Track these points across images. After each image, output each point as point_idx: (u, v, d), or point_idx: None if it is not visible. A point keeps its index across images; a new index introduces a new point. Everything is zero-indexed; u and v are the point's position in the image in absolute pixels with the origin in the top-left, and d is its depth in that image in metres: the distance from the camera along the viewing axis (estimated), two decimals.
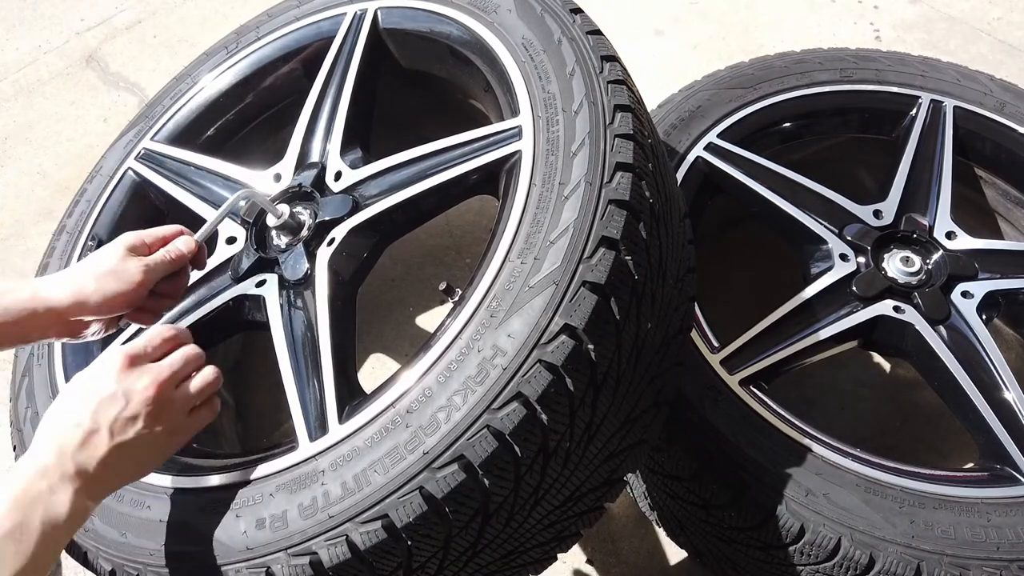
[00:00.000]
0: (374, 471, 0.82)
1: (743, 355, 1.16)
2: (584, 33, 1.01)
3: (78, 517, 0.75)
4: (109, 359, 0.81)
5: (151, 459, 0.83)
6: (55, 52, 2.39)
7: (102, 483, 0.78)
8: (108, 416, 0.78)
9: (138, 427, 0.79)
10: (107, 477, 0.78)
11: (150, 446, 0.80)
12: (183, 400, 0.83)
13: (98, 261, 0.92)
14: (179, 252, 0.96)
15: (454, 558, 0.86)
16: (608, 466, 0.93)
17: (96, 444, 0.76)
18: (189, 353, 0.85)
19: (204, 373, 0.86)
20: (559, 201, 0.88)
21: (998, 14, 2.11)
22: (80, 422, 0.77)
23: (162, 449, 0.82)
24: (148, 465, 0.83)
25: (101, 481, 0.77)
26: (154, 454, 0.82)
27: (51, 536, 0.71)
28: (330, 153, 1.17)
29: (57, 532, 0.72)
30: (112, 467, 0.77)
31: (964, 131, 1.38)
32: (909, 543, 0.95)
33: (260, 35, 1.38)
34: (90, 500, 0.76)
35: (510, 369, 0.80)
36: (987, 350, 1.15)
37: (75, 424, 0.77)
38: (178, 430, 0.83)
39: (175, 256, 0.96)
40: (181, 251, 0.97)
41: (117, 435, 0.77)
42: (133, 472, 0.82)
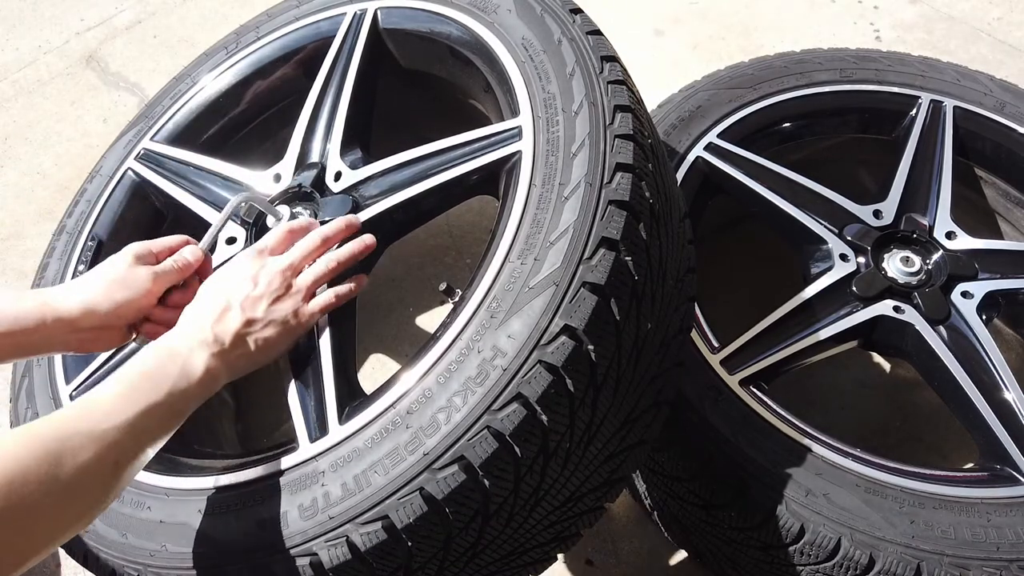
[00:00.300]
0: (374, 472, 0.82)
1: (743, 355, 1.16)
2: (584, 33, 1.01)
3: (209, 379, 0.84)
4: (241, 255, 0.95)
5: (277, 338, 0.91)
6: (55, 52, 2.39)
7: (234, 355, 0.88)
8: (239, 296, 0.89)
9: (264, 305, 0.90)
10: (239, 350, 0.88)
11: (275, 324, 0.90)
12: (303, 285, 0.93)
13: (106, 270, 0.94)
14: (186, 261, 0.99)
15: (454, 559, 0.86)
16: (608, 466, 0.93)
17: (230, 318, 0.88)
18: (308, 246, 0.96)
19: (317, 266, 0.96)
20: (559, 202, 0.88)
21: (998, 14, 2.11)
22: (216, 301, 0.89)
23: (286, 329, 0.91)
24: (274, 345, 0.91)
25: (233, 352, 0.87)
26: (280, 333, 0.91)
27: (182, 387, 0.81)
28: (330, 153, 1.17)
29: (189, 386, 0.82)
30: (244, 341, 0.88)
31: (964, 131, 1.38)
32: (909, 543, 0.95)
33: (260, 35, 1.38)
34: (222, 366, 0.86)
35: (510, 370, 0.80)
36: (987, 350, 1.15)
37: (212, 303, 0.89)
38: (300, 312, 0.93)
39: (182, 265, 0.98)
40: (188, 260, 0.99)
41: (247, 311, 0.89)
42: (262, 348, 0.90)
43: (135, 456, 0.75)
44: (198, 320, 0.87)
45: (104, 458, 0.70)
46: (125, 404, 0.74)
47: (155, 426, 0.77)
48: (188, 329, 0.87)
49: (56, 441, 0.67)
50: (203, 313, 0.88)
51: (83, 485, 0.68)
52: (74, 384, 1.11)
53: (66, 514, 0.67)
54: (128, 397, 0.75)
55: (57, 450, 0.66)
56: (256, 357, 0.90)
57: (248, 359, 0.89)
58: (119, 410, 0.73)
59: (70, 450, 0.67)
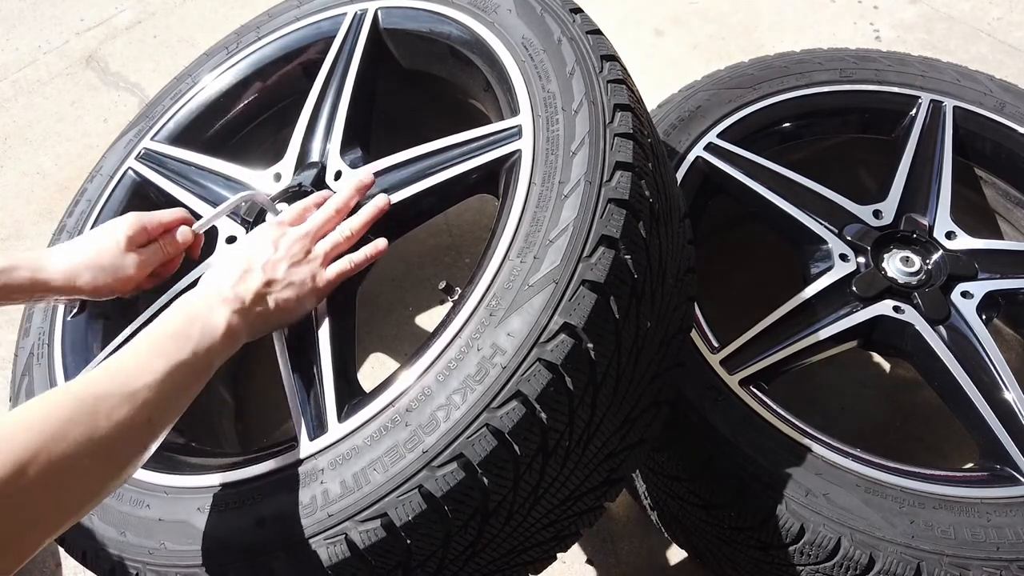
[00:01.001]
0: (373, 470, 0.82)
1: (743, 355, 1.16)
2: (584, 33, 1.01)
3: (231, 335, 0.86)
4: (261, 227, 1.00)
5: (296, 301, 0.94)
6: (55, 52, 2.39)
7: (254, 313, 0.90)
8: (261, 258, 0.93)
9: (284, 267, 0.93)
10: (259, 308, 0.90)
11: (295, 286, 0.94)
12: (320, 252, 0.97)
13: (99, 250, 1.00)
14: (176, 246, 1.05)
15: (453, 557, 0.86)
16: (608, 465, 0.93)
17: (251, 279, 0.91)
18: (323, 216, 1.00)
19: (333, 234, 0.99)
20: (559, 200, 0.88)
21: (998, 14, 2.11)
22: (238, 263, 0.92)
23: (304, 292, 0.95)
24: (293, 307, 0.94)
25: (253, 310, 0.90)
26: (299, 296, 0.94)
27: (206, 344, 0.82)
28: (330, 153, 1.17)
29: (213, 343, 0.83)
30: (264, 300, 0.91)
31: (964, 131, 1.38)
32: (909, 543, 0.95)
33: (260, 35, 1.39)
34: (243, 324, 0.88)
35: (509, 368, 0.80)
36: (987, 350, 1.15)
37: (232, 266, 0.92)
38: (318, 278, 0.96)
39: (172, 251, 1.05)
40: (178, 244, 1.05)
41: (267, 273, 0.92)
42: (282, 308, 0.93)
43: (167, 413, 0.77)
44: (220, 280, 0.90)
45: (137, 416, 0.71)
46: (152, 364, 0.76)
47: (183, 383, 0.79)
48: (210, 289, 0.89)
49: (90, 400, 0.68)
50: (225, 274, 0.91)
51: (119, 443, 0.70)
52: None
53: (105, 471, 0.69)
54: (155, 357, 0.77)
55: (92, 409, 0.68)
56: (275, 317, 0.93)
57: (268, 318, 0.92)
58: (148, 370, 0.75)
59: (104, 410, 0.69)
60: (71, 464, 0.64)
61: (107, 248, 1.00)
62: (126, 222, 1.02)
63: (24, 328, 1.21)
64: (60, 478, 0.63)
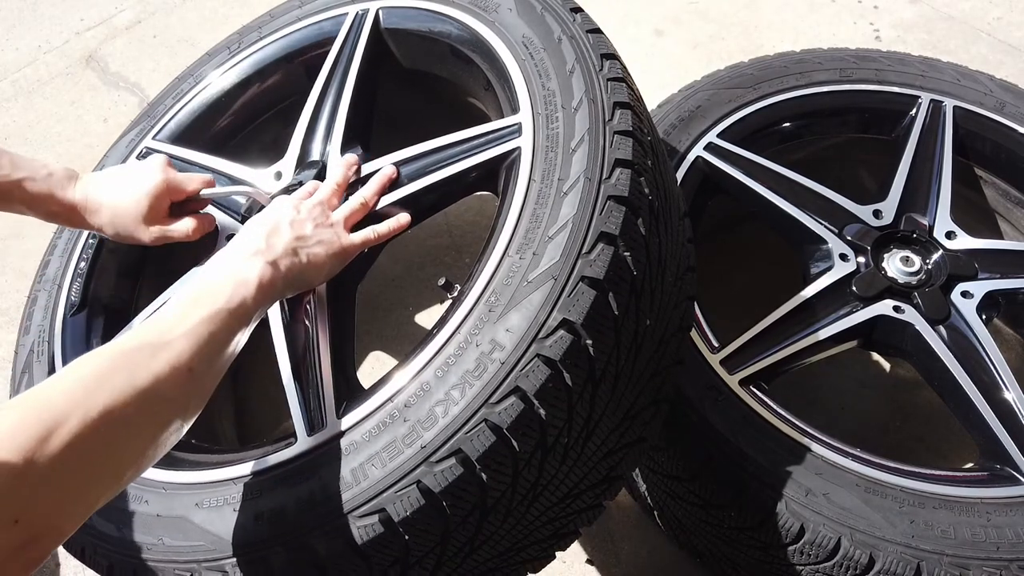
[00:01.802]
0: (372, 465, 0.81)
1: (743, 355, 1.16)
2: (584, 31, 1.02)
3: (267, 286, 0.86)
4: (278, 199, 1.01)
5: (327, 259, 0.96)
6: (55, 52, 2.39)
7: (287, 264, 0.90)
8: (288, 218, 0.95)
9: (311, 226, 0.95)
10: (292, 259, 0.91)
11: (323, 244, 0.95)
12: (340, 218, 1.00)
13: (124, 208, 1.07)
14: (190, 230, 1.10)
15: (452, 553, 0.86)
16: (607, 463, 0.93)
17: (280, 234, 0.92)
18: (328, 190, 1.03)
19: (349, 202, 1.03)
20: (558, 197, 0.88)
21: (998, 14, 2.11)
22: (266, 222, 0.93)
23: (333, 251, 0.96)
24: (323, 264, 0.95)
25: (286, 261, 0.90)
26: (328, 254, 0.96)
27: (241, 294, 0.82)
28: (331, 152, 1.17)
29: (248, 293, 0.83)
30: (296, 253, 0.92)
31: (964, 131, 1.38)
32: (909, 543, 0.95)
33: (262, 35, 1.39)
34: (278, 275, 0.88)
35: (508, 363, 0.80)
36: (987, 350, 1.15)
37: (262, 224, 0.93)
38: (344, 239, 0.98)
39: (185, 231, 1.10)
40: (190, 229, 1.10)
41: (296, 229, 0.94)
42: (313, 263, 0.94)
43: (209, 363, 0.76)
44: (251, 236, 0.91)
45: (177, 365, 0.71)
46: (189, 315, 0.76)
47: (220, 332, 0.78)
48: (242, 244, 0.90)
49: (129, 352, 0.69)
50: (255, 231, 0.92)
51: (161, 391, 0.69)
52: None
53: (151, 421, 0.69)
54: (191, 309, 0.77)
55: (130, 361, 0.68)
56: (308, 271, 0.93)
57: (300, 271, 0.92)
58: (184, 321, 0.75)
59: (143, 360, 0.69)
60: (117, 415, 0.64)
61: (131, 207, 1.06)
62: (150, 189, 1.06)
63: (24, 326, 1.21)
64: (108, 430, 0.63)
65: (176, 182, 1.09)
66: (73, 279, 1.23)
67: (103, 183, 1.09)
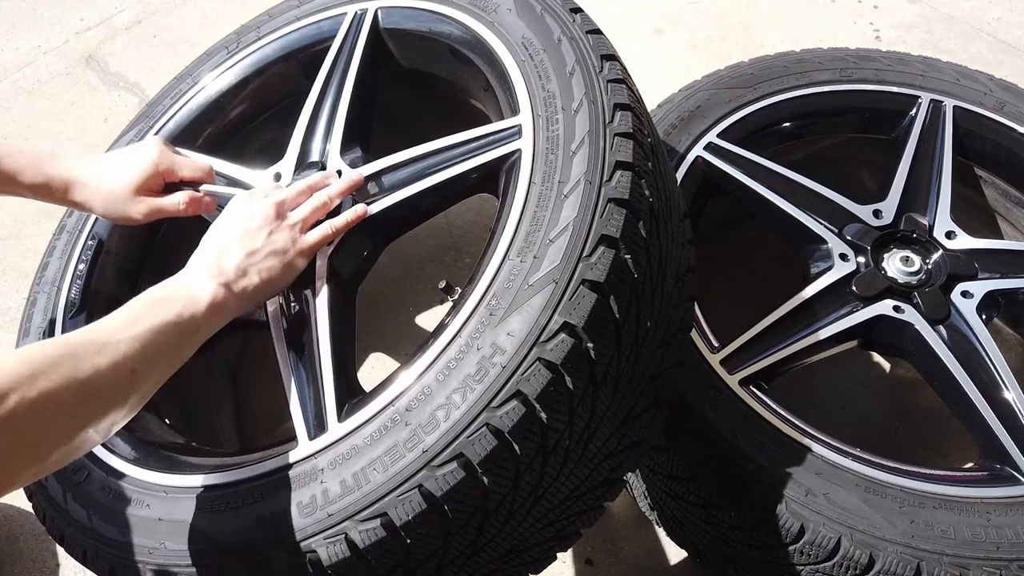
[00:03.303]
0: (373, 469, 0.81)
1: (743, 355, 1.16)
2: (584, 32, 1.01)
3: (217, 307, 0.88)
4: (236, 197, 1.02)
5: (281, 270, 0.96)
6: (55, 52, 2.39)
7: (240, 286, 0.92)
8: (238, 231, 0.95)
9: (263, 236, 0.96)
10: (244, 281, 0.92)
11: (275, 254, 0.96)
12: (298, 217, 1.00)
13: (113, 181, 1.06)
14: (184, 205, 1.09)
15: (453, 556, 0.86)
16: (607, 465, 0.93)
17: (231, 255, 0.93)
18: (295, 190, 1.03)
19: (310, 200, 1.02)
20: (559, 199, 0.88)
21: (998, 14, 2.11)
22: (217, 241, 0.95)
23: (286, 259, 0.97)
24: (277, 277, 0.96)
25: (239, 284, 0.92)
26: (281, 264, 0.96)
27: (191, 311, 0.85)
28: (330, 152, 1.17)
29: (197, 311, 0.86)
30: (247, 273, 0.93)
31: (964, 131, 1.38)
32: (909, 543, 0.95)
33: (261, 35, 1.38)
34: (230, 296, 0.90)
35: (509, 367, 0.80)
36: (987, 350, 1.15)
37: (213, 244, 0.95)
38: (299, 242, 0.98)
39: (178, 206, 1.09)
40: (183, 203, 1.09)
41: (246, 244, 0.94)
42: (266, 280, 0.95)
43: (151, 368, 0.79)
44: (202, 259, 0.93)
45: (120, 365, 0.74)
46: (135, 321, 0.79)
47: (167, 344, 0.81)
48: (193, 267, 0.92)
49: (75, 346, 0.72)
50: (207, 252, 0.94)
51: (101, 386, 0.73)
52: None
53: (87, 412, 0.72)
54: (137, 316, 0.80)
55: (75, 353, 0.71)
56: (261, 288, 0.95)
57: (254, 290, 0.94)
58: (130, 326, 0.78)
59: (87, 354, 0.72)
60: (53, 399, 0.67)
61: (122, 186, 1.06)
62: (143, 164, 1.07)
63: (24, 328, 1.21)
64: (43, 410, 0.67)
65: (170, 162, 1.10)
66: (72, 281, 1.23)
67: (90, 158, 1.09)
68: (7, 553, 1.45)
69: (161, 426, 1.14)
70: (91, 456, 1.02)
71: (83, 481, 0.99)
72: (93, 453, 1.02)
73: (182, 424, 1.21)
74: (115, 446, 1.03)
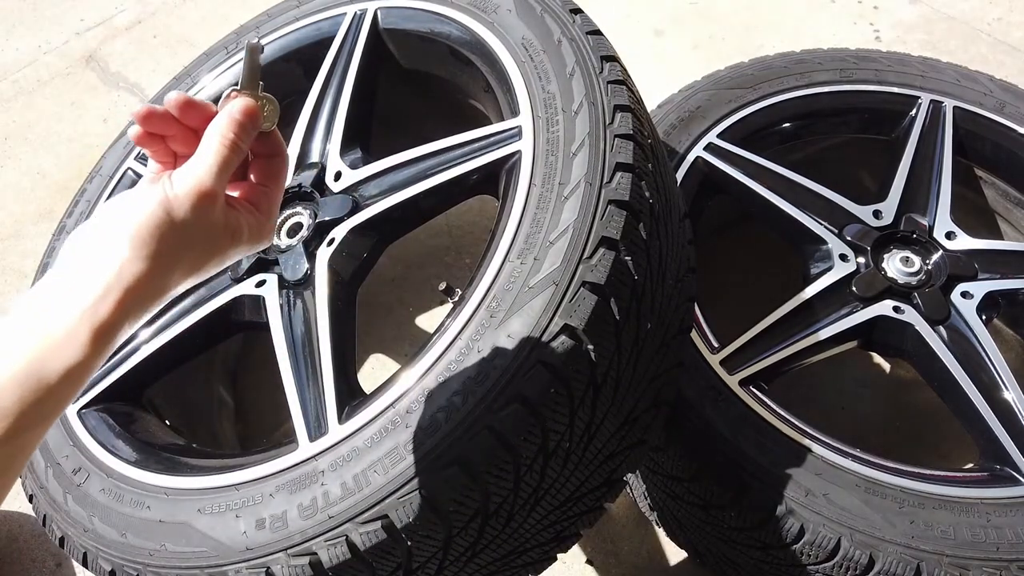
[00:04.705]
0: (374, 471, 0.82)
1: (743, 355, 1.16)
2: (584, 33, 1.01)
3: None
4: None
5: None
6: (55, 52, 2.39)
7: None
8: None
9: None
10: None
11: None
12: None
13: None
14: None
15: (454, 558, 0.86)
16: (608, 466, 0.93)
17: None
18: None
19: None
20: (559, 201, 0.88)
21: (998, 14, 2.11)
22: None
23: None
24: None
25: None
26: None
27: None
28: (330, 153, 1.17)
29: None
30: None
31: (964, 131, 1.38)
32: (909, 543, 0.95)
33: (260, 35, 1.38)
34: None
35: (510, 369, 0.80)
36: (987, 350, 1.15)
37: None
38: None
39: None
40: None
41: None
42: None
43: None
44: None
45: None
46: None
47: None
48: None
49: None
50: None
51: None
52: None
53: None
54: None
55: None
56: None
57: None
58: None
59: None
60: None
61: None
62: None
63: None
64: None
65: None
66: None
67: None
68: (7, 553, 1.45)
69: (161, 427, 1.14)
70: (91, 458, 1.02)
71: (83, 483, 0.99)
72: (93, 454, 1.03)
73: (182, 425, 1.21)
74: (116, 448, 1.03)
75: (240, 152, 0.67)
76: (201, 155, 0.65)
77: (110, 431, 1.06)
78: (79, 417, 1.08)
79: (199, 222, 0.63)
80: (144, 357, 1.10)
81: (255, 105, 0.70)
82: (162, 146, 0.69)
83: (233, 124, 0.67)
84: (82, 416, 1.08)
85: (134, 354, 1.11)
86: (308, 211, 1.11)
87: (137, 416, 1.12)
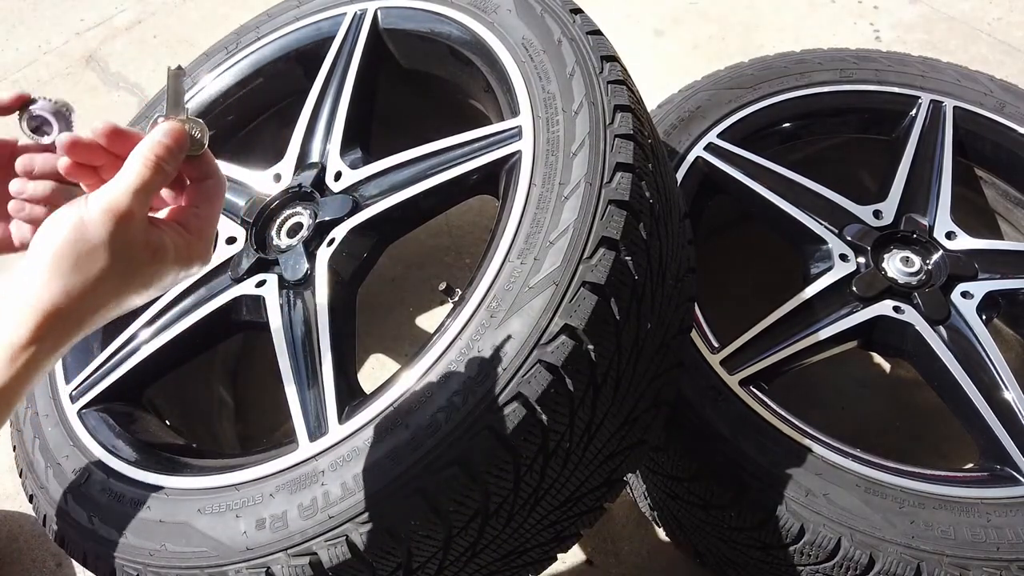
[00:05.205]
0: (374, 471, 0.81)
1: (743, 355, 1.16)
2: (584, 33, 1.01)
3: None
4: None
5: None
6: (55, 52, 2.39)
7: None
8: None
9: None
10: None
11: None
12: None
13: None
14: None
15: (454, 558, 0.86)
16: (608, 466, 0.93)
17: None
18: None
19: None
20: (559, 201, 0.88)
21: (998, 14, 2.11)
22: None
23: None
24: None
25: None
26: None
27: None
28: (330, 153, 1.17)
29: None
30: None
31: (964, 131, 1.38)
32: (909, 543, 0.95)
33: (260, 35, 1.38)
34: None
35: (510, 370, 0.80)
36: (987, 350, 1.15)
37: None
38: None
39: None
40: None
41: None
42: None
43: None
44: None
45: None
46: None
47: None
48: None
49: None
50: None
51: None
52: (74, 384, 1.11)
53: None
54: None
55: None
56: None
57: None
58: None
59: None
60: None
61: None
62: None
63: None
64: None
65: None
66: None
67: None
68: (7, 553, 1.45)
69: (161, 427, 1.14)
70: (92, 458, 1.02)
71: (84, 483, 0.99)
72: (93, 454, 1.03)
73: (182, 425, 1.21)
74: (116, 448, 1.03)
75: (164, 173, 0.66)
76: (120, 176, 0.65)
77: (110, 431, 1.06)
78: (79, 417, 1.08)
79: (114, 241, 0.62)
80: (144, 357, 1.10)
81: (181, 128, 0.69)
82: (95, 177, 0.69)
83: (156, 146, 0.67)
84: (82, 416, 1.08)
85: (134, 354, 1.11)
86: (308, 211, 1.12)
87: (137, 416, 1.12)
